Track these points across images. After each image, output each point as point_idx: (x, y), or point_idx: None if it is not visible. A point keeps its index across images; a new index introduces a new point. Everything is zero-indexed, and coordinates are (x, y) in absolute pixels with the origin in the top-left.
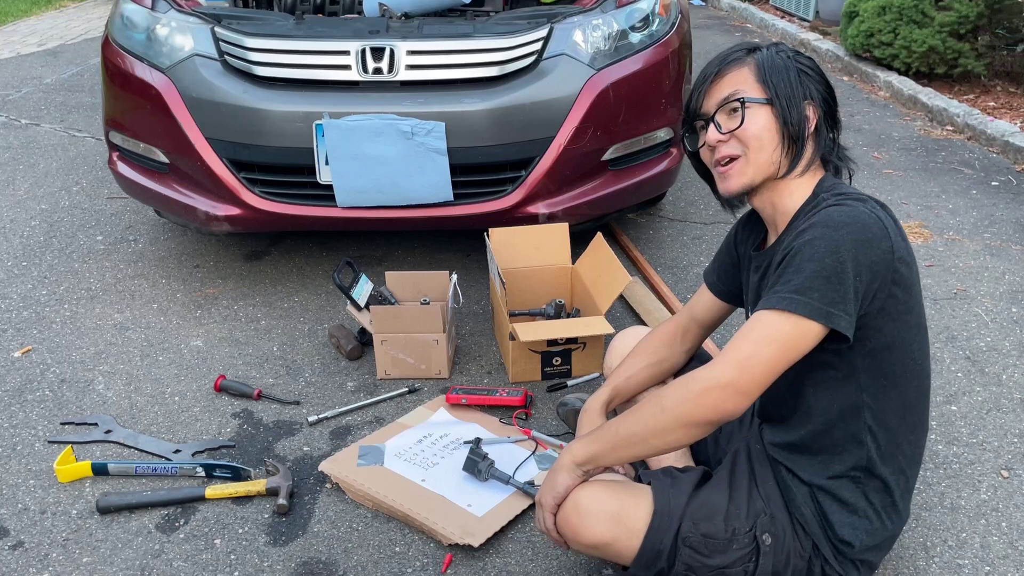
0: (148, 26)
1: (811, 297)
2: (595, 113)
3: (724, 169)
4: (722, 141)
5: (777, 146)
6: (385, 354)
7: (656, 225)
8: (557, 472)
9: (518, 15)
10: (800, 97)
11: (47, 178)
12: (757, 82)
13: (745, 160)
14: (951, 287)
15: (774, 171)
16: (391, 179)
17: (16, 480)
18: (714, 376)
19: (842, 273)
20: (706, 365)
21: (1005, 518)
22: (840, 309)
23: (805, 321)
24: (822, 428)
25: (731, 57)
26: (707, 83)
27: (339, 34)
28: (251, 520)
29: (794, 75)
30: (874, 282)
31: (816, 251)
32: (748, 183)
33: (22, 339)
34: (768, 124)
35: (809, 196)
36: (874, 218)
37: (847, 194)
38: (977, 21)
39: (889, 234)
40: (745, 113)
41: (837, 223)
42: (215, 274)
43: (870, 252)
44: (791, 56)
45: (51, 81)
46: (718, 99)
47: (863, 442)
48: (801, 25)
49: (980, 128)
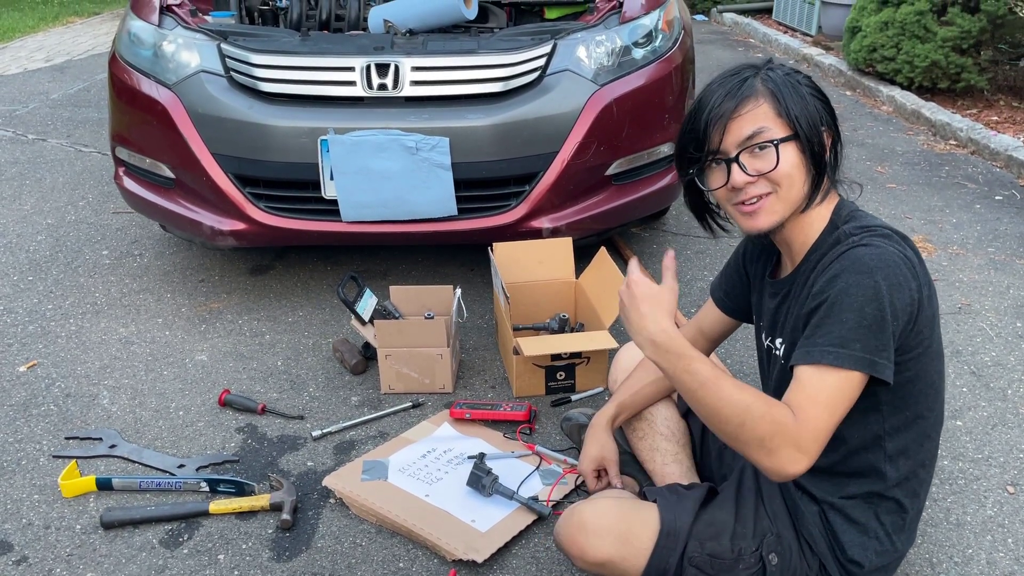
0: (155, 43)
1: (855, 349)
2: (598, 128)
3: (751, 208)
4: (751, 182)
5: (806, 180)
6: (389, 368)
7: (660, 239)
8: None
9: (522, 31)
10: (818, 124)
11: (53, 193)
12: (778, 116)
13: (776, 197)
14: (955, 301)
15: (801, 205)
16: (396, 194)
17: (20, 495)
18: (799, 445)
19: (882, 321)
20: (793, 421)
21: (1011, 534)
22: (884, 357)
23: (852, 373)
24: (843, 456)
25: (743, 91)
26: (724, 120)
27: (344, 50)
28: (255, 535)
29: (809, 102)
30: (908, 324)
31: (855, 300)
32: (779, 220)
33: (28, 353)
34: (797, 160)
35: (827, 226)
36: (902, 258)
37: (870, 228)
38: (979, 36)
39: (917, 273)
40: (779, 153)
41: (869, 268)
42: (220, 288)
43: (903, 295)
44: (798, 79)
45: (58, 96)
46: (739, 138)
47: (882, 470)
48: (804, 40)
49: (983, 142)
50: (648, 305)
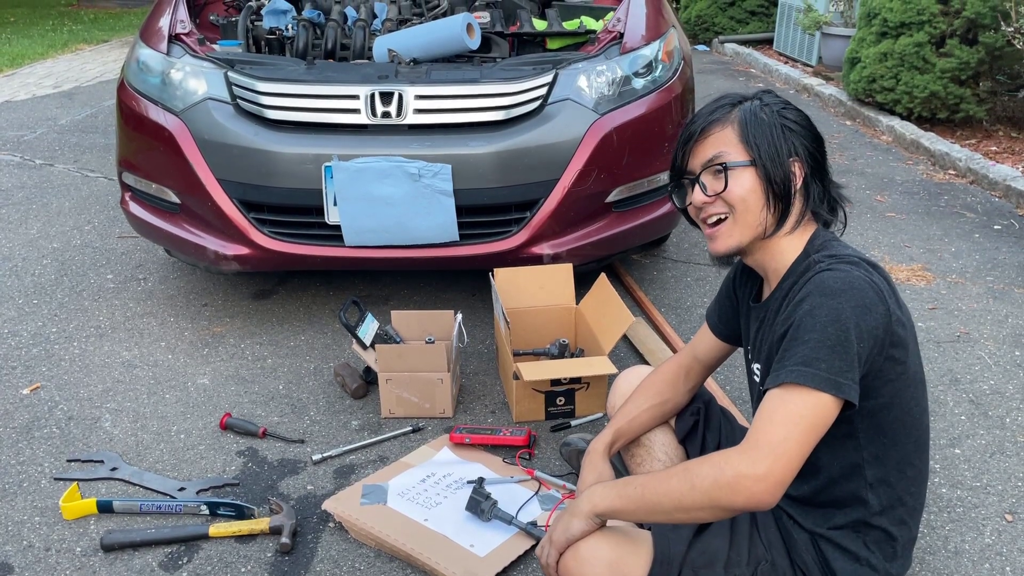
0: (163, 70)
1: (819, 368)
2: (599, 156)
3: (712, 231)
4: (708, 202)
5: (763, 206)
6: (390, 393)
7: (660, 266)
8: (573, 516)
9: (524, 61)
10: (785, 155)
11: (60, 217)
12: (740, 142)
13: (732, 221)
14: (954, 330)
15: (761, 231)
16: (398, 219)
17: (22, 517)
18: (750, 465)
19: (846, 342)
20: (739, 449)
21: (1009, 562)
22: (848, 378)
23: (819, 394)
24: (823, 485)
25: (714, 116)
26: (692, 142)
27: (349, 79)
28: (254, 559)
29: (778, 132)
30: (875, 347)
31: (817, 321)
32: (736, 244)
33: (31, 376)
34: (753, 186)
35: (800, 254)
36: (869, 282)
37: (839, 256)
38: (978, 67)
39: (885, 298)
40: (728, 176)
41: (833, 290)
42: (223, 313)
43: (869, 318)
44: (777, 110)
45: (66, 122)
46: (703, 159)
47: (864, 498)
48: (804, 70)
49: (982, 172)
50: (563, 524)
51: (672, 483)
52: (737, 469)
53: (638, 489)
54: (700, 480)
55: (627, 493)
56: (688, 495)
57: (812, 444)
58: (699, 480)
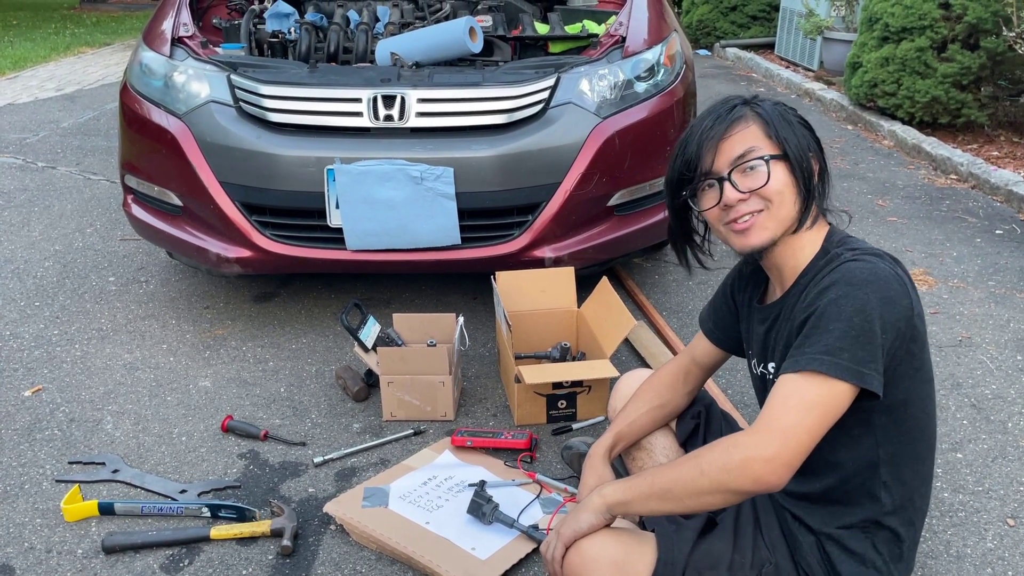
0: (166, 73)
1: (842, 358)
2: (601, 160)
3: (743, 225)
4: (743, 199)
5: (796, 200)
6: (391, 396)
7: (661, 270)
8: (584, 510)
9: (526, 64)
10: (806, 149)
11: (62, 220)
12: (766, 137)
13: (768, 214)
14: (956, 334)
15: (790, 226)
16: (400, 223)
17: (23, 519)
18: (758, 447)
19: (871, 332)
20: (747, 432)
21: (1011, 567)
22: (871, 368)
23: (838, 383)
24: (837, 483)
25: (734, 114)
26: (715, 140)
27: (351, 82)
28: (255, 561)
29: (796, 128)
30: (897, 340)
31: (843, 310)
32: (770, 238)
33: (33, 378)
34: (787, 179)
35: (819, 251)
36: (894, 275)
37: (862, 249)
38: (979, 72)
39: (908, 291)
40: (771, 169)
41: (860, 280)
42: (224, 315)
43: (894, 310)
44: (785, 111)
45: (68, 125)
46: (730, 157)
47: (878, 497)
48: (806, 75)
49: (984, 177)
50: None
51: (682, 470)
52: (745, 451)
53: (648, 479)
54: (709, 465)
55: (637, 484)
56: (698, 480)
57: (822, 432)
58: (708, 465)
